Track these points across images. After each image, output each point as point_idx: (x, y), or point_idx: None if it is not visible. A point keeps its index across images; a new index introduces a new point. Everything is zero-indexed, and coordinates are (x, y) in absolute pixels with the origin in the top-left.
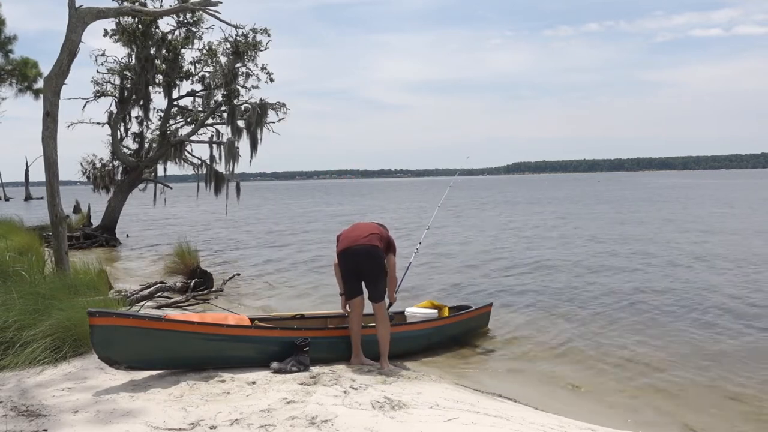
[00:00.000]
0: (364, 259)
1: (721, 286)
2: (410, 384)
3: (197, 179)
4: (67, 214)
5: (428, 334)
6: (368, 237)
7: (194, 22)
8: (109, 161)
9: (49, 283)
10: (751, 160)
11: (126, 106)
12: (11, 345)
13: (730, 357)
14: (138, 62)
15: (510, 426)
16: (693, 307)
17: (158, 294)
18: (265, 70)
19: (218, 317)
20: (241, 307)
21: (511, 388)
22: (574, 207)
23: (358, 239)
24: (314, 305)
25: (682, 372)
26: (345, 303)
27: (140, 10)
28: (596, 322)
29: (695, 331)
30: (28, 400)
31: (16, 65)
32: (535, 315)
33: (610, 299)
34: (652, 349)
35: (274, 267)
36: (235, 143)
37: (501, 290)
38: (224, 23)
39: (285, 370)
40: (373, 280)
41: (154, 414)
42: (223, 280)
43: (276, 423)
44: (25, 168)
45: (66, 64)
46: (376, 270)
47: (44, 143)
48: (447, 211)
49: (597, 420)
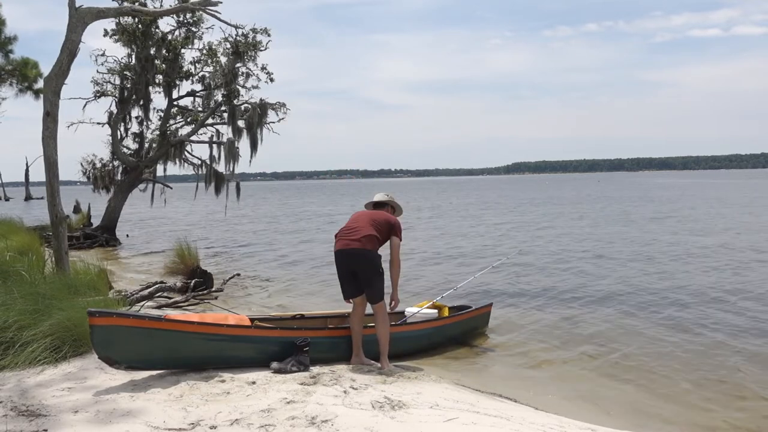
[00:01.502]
0: (356, 261)
1: (722, 285)
2: (410, 384)
3: (197, 179)
4: (67, 214)
5: (428, 334)
6: (362, 239)
7: (194, 22)
8: (109, 161)
9: (49, 283)
10: (751, 160)
11: (126, 106)
12: (11, 345)
13: (731, 357)
14: (138, 62)
15: (510, 426)
16: (697, 308)
17: (158, 294)
18: (265, 70)
19: (218, 317)
20: (241, 307)
21: (511, 388)
22: (579, 207)
23: (352, 242)
24: (315, 305)
25: (684, 373)
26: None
27: (140, 10)
28: (597, 323)
29: (698, 332)
30: (28, 400)
31: (16, 65)
32: (535, 315)
33: (612, 300)
34: (654, 350)
35: (275, 266)
36: (235, 143)
37: (501, 290)
38: (224, 23)
39: (285, 370)
40: (367, 282)
41: (154, 414)
42: (223, 280)
43: (276, 423)
44: (25, 168)
45: (66, 64)
46: (369, 273)
47: (44, 143)
48: (450, 211)
49: (597, 420)
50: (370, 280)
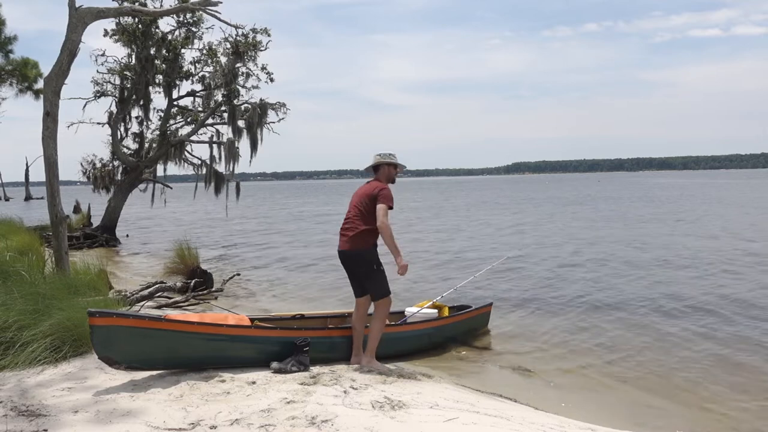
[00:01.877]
0: (351, 263)
1: (723, 285)
2: (410, 384)
3: (197, 179)
4: (67, 214)
5: (428, 334)
6: (352, 238)
7: (194, 22)
8: (109, 161)
9: (49, 283)
10: (751, 160)
11: (126, 106)
12: (11, 345)
13: (731, 356)
14: (138, 62)
15: (510, 426)
16: (697, 308)
17: (158, 294)
18: (265, 70)
19: (218, 317)
20: (241, 307)
21: (511, 388)
22: (579, 207)
23: (344, 242)
24: (315, 305)
25: (685, 373)
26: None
27: (140, 10)
28: (597, 323)
29: (700, 333)
30: (28, 400)
31: (16, 65)
32: (535, 315)
33: (612, 300)
34: (655, 351)
35: (275, 266)
36: (235, 143)
37: (501, 290)
38: (224, 23)
39: (285, 370)
40: (363, 281)
41: (154, 414)
42: (223, 280)
43: (276, 423)
44: (25, 168)
45: (66, 64)
46: (363, 272)
47: (44, 143)
48: (451, 211)
49: (597, 420)
50: (367, 279)
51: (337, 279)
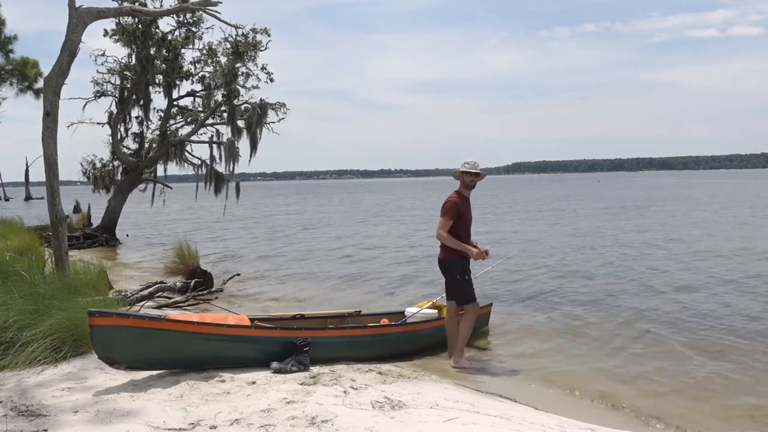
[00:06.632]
0: (441, 270)
1: (737, 286)
2: (410, 384)
3: (197, 179)
4: (67, 214)
5: (428, 334)
6: (441, 248)
7: (194, 22)
8: (109, 161)
9: (49, 283)
10: (751, 160)
11: (126, 106)
12: (11, 345)
13: (731, 355)
14: (138, 62)
15: (510, 426)
16: (697, 310)
17: (158, 294)
18: (265, 70)
19: (218, 317)
20: (241, 307)
21: (511, 388)
22: (580, 207)
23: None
24: (315, 305)
25: (685, 373)
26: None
27: (140, 10)
28: (597, 323)
29: (699, 333)
30: (28, 400)
31: (16, 65)
32: (535, 315)
33: (611, 300)
34: (653, 351)
35: (275, 266)
36: (235, 143)
37: (501, 290)
38: (224, 23)
39: (285, 370)
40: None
41: (154, 414)
42: (223, 280)
43: (276, 423)
44: (25, 168)
45: (66, 64)
46: (447, 280)
47: (44, 143)
48: None
49: (597, 420)
50: (449, 285)
51: (338, 280)
